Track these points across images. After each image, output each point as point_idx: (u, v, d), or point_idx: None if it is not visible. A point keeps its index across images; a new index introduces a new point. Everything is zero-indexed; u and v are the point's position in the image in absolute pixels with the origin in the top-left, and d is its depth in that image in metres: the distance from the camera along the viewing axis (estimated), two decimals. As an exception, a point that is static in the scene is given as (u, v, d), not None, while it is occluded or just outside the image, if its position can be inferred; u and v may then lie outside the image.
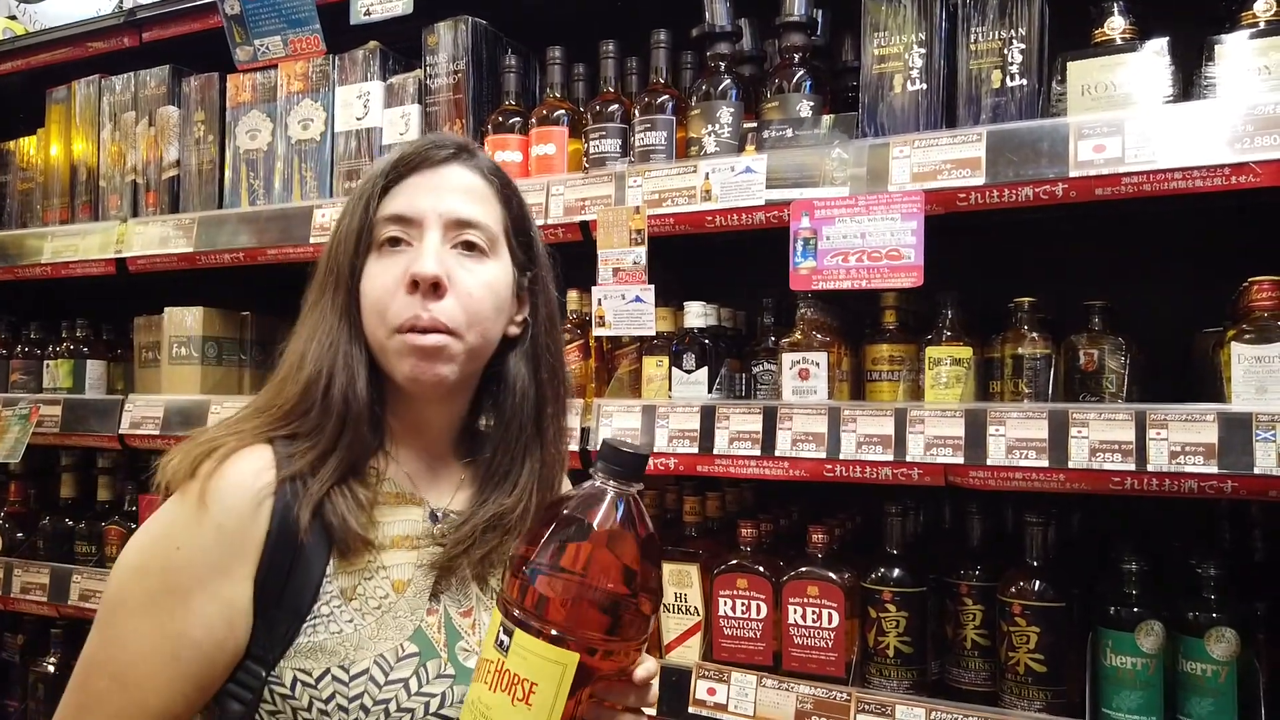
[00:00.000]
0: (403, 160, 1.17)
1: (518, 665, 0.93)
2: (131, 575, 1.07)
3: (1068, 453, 1.56)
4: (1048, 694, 1.64)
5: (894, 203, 1.71)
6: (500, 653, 0.94)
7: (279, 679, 1.05)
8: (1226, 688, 1.54)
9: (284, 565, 1.06)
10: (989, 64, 1.74)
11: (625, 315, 1.99)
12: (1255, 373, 1.51)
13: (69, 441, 2.71)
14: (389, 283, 1.12)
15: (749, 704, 1.81)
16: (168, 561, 1.05)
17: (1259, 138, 1.47)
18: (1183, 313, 1.84)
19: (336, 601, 1.08)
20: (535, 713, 0.92)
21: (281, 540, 1.06)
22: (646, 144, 2.03)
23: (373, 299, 1.13)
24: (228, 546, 1.05)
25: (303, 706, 1.04)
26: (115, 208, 2.74)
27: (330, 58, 2.44)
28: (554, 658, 0.92)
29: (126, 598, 1.06)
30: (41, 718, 2.74)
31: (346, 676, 1.06)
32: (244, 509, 1.05)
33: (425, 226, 1.13)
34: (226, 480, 1.06)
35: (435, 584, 1.15)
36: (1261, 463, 1.44)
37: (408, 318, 1.10)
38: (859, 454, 1.73)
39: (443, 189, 1.16)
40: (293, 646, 1.06)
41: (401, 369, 1.13)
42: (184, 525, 1.05)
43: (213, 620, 1.04)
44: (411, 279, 1.10)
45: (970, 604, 1.76)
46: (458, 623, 1.15)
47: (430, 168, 1.17)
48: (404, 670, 1.08)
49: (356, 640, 1.07)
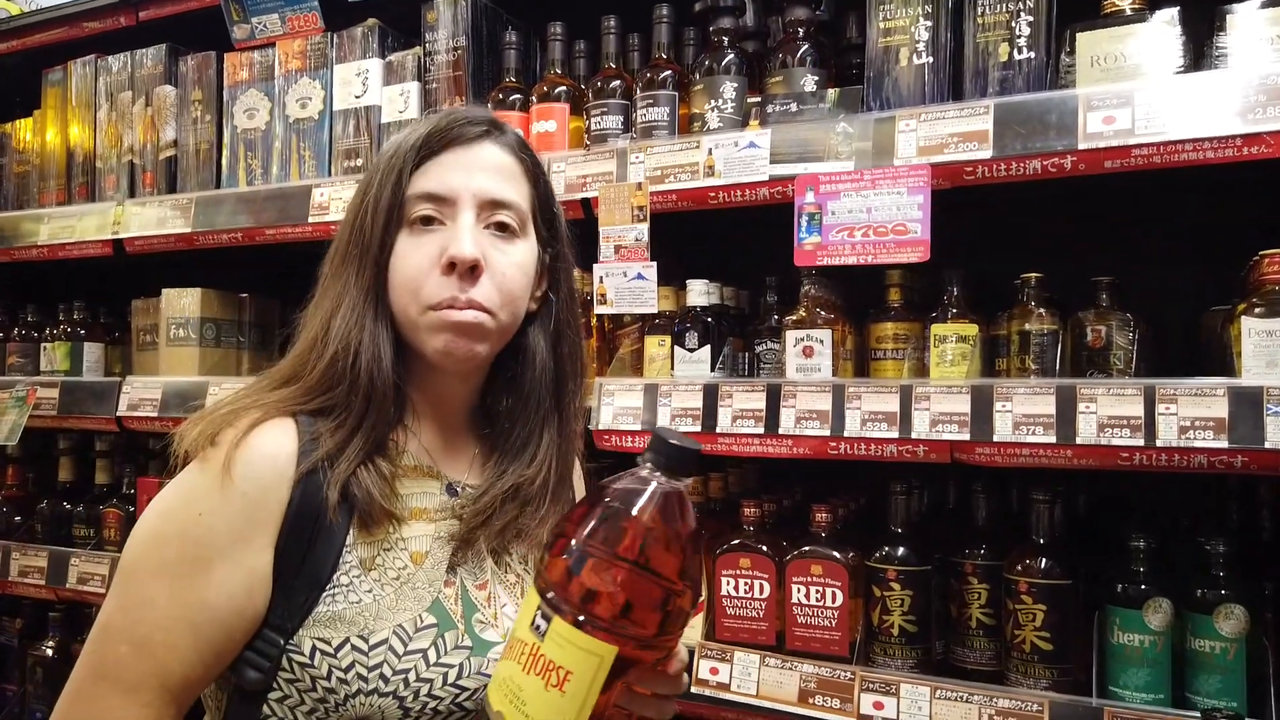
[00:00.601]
0: (435, 135, 1.15)
1: (553, 652, 0.90)
2: (151, 542, 1.06)
3: (1075, 428, 1.54)
4: (1054, 672, 1.63)
5: (900, 177, 1.69)
6: (536, 636, 0.91)
7: (298, 648, 1.05)
8: (1235, 665, 1.52)
9: (305, 535, 1.06)
10: (996, 37, 1.72)
11: (627, 293, 1.97)
12: (1266, 347, 1.49)
13: (67, 424, 2.70)
14: (423, 262, 1.12)
15: (752, 683, 1.79)
16: (189, 529, 1.04)
17: (1271, 108, 1.45)
18: (1191, 289, 1.82)
19: (356, 572, 1.08)
20: (568, 701, 0.89)
21: (304, 510, 1.06)
22: (649, 120, 2.01)
23: (406, 277, 1.12)
24: (251, 515, 1.05)
25: (322, 675, 1.04)
26: (112, 189, 2.72)
27: (328, 35, 2.42)
28: (593, 649, 0.89)
29: (146, 564, 1.05)
30: (40, 701, 2.73)
31: (366, 646, 1.06)
32: (268, 478, 1.05)
33: (460, 206, 1.13)
34: (252, 449, 1.06)
35: (452, 556, 1.16)
36: (1272, 437, 1.42)
37: (444, 298, 1.11)
38: (863, 431, 1.71)
39: (475, 167, 1.15)
40: (311, 615, 1.06)
41: (435, 344, 1.13)
42: (206, 492, 1.05)
43: (233, 588, 1.04)
44: (449, 261, 1.10)
45: (975, 582, 1.75)
46: (474, 595, 1.16)
47: (463, 145, 1.16)
48: (422, 641, 1.09)
49: (376, 610, 1.08)
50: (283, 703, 1.06)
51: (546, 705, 0.90)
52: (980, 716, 1.62)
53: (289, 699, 1.06)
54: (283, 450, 1.07)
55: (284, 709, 1.06)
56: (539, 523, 1.21)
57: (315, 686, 1.05)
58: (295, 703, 1.06)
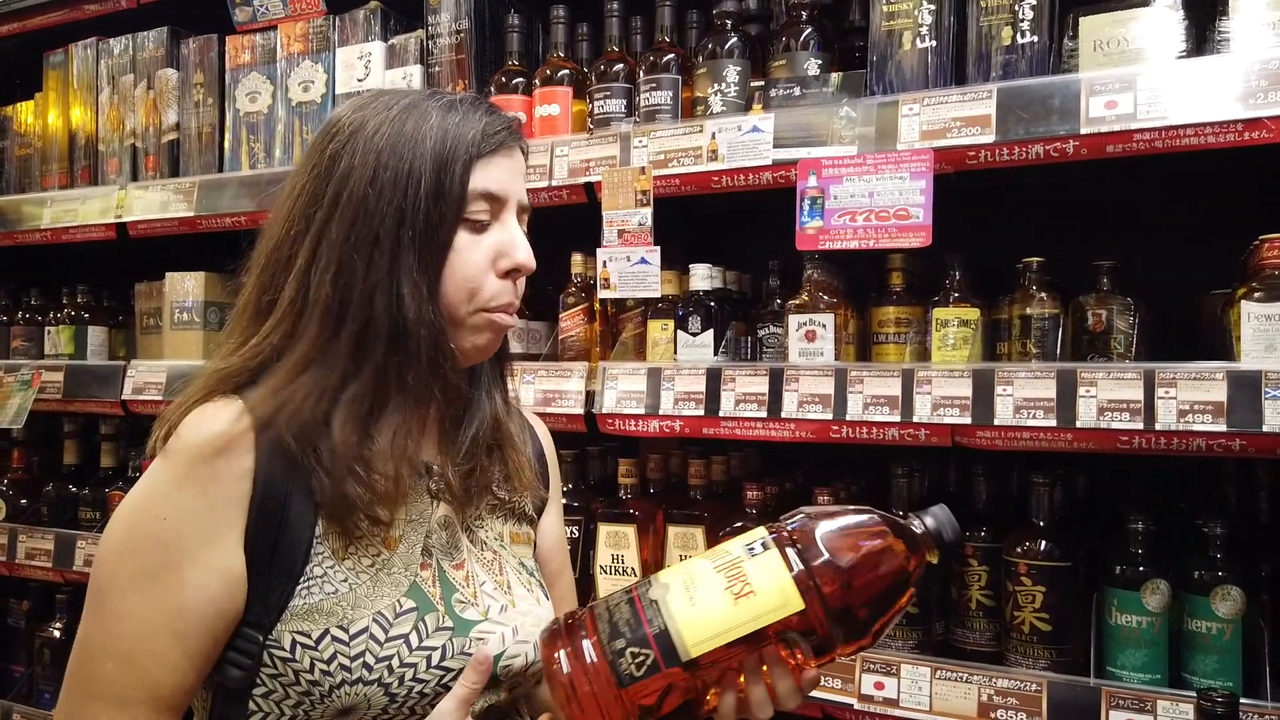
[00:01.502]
0: (490, 134, 1.13)
1: (754, 572, 0.98)
2: (121, 551, 1.03)
3: (1075, 412, 1.55)
4: (1053, 652, 1.65)
5: (903, 161, 1.70)
6: (747, 554, 1.00)
7: (277, 642, 1.04)
8: (1231, 645, 1.54)
9: (271, 529, 1.04)
10: (1000, 20, 1.72)
11: (631, 277, 1.98)
12: (1265, 331, 1.50)
13: (71, 408, 2.71)
14: (481, 263, 1.12)
15: (754, 664, 1.81)
16: (157, 533, 1.02)
17: (1272, 93, 1.46)
18: (1192, 274, 1.83)
19: (329, 562, 1.07)
20: (737, 611, 0.97)
21: (266, 503, 1.04)
22: (652, 104, 2.01)
23: (464, 276, 1.11)
24: (216, 512, 1.03)
25: (304, 668, 1.03)
26: (115, 172, 2.72)
27: (330, 18, 2.41)
28: (786, 591, 0.97)
29: (119, 576, 1.02)
30: (47, 681, 2.75)
31: (346, 636, 1.05)
32: (225, 474, 1.03)
33: (509, 209, 1.15)
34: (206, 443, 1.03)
35: (426, 539, 1.14)
36: (1270, 421, 1.43)
37: (504, 303, 1.15)
38: (865, 415, 1.72)
39: (517, 172, 1.17)
40: (288, 609, 1.04)
41: (476, 341, 1.15)
42: (166, 494, 1.03)
43: (211, 590, 1.02)
44: (515, 267, 1.14)
45: (976, 565, 1.76)
46: (451, 575, 1.15)
47: (507, 150, 1.16)
48: (403, 626, 1.08)
49: (353, 599, 1.06)
50: (268, 698, 1.06)
51: (716, 603, 0.97)
52: (980, 696, 1.64)
53: (274, 694, 1.05)
54: (245, 445, 1.04)
55: (270, 704, 1.05)
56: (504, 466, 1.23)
57: (299, 680, 1.04)
58: (280, 697, 1.05)
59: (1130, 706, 1.53)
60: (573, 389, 2.01)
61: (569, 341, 2.12)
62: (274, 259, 1.12)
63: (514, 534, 1.26)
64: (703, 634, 0.96)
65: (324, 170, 1.10)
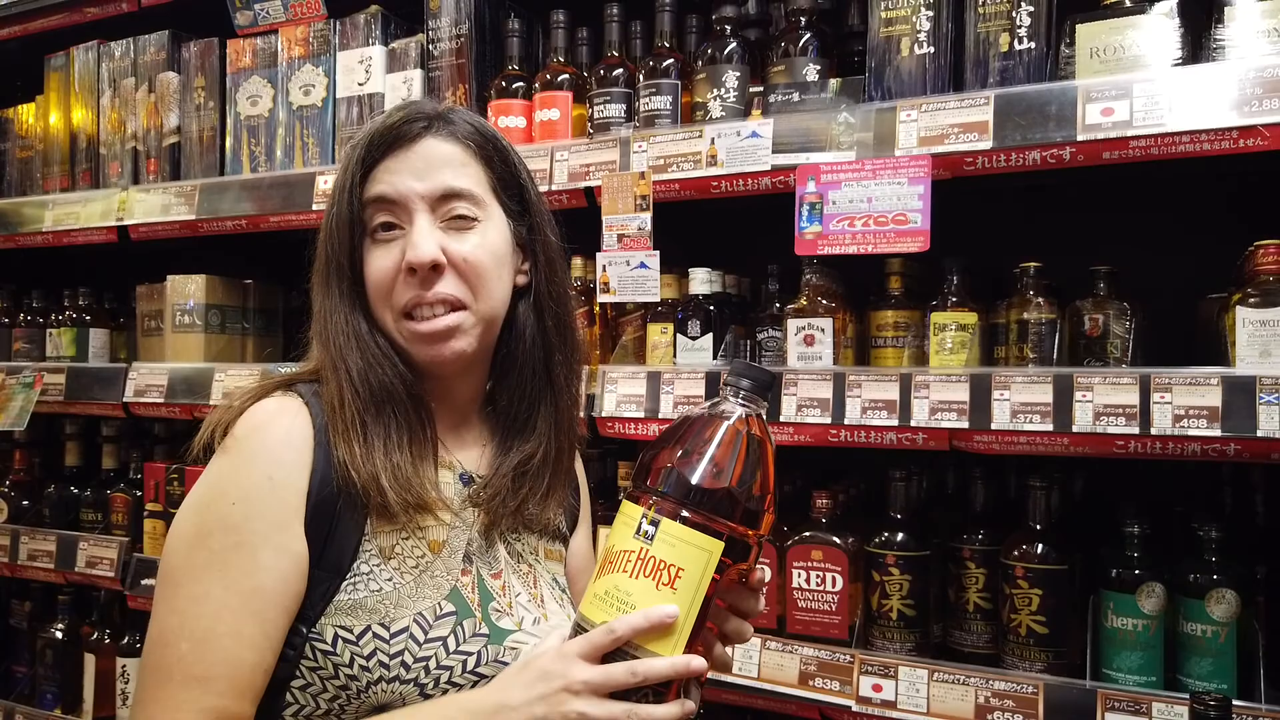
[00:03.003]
0: (375, 140, 1.16)
1: (664, 552, 0.99)
2: (193, 539, 1.06)
3: (1072, 416, 1.56)
4: (1049, 655, 1.66)
5: (901, 167, 1.71)
6: (644, 541, 1.00)
7: (320, 635, 1.07)
8: (1226, 648, 1.56)
9: (325, 525, 1.08)
10: (997, 27, 1.73)
11: (630, 281, 1.99)
12: (1260, 336, 1.51)
13: (73, 409, 2.72)
14: (389, 269, 1.15)
15: (753, 666, 1.83)
16: (227, 518, 1.05)
17: (1267, 101, 1.47)
18: (1189, 279, 1.84)
19: (375, 560, 1.10)
20: (680, 596, 0.98)
21: (322, 497, 1.08)
22: (651, 109, 2.02)
23: (375, 288, 1.16)
24: (282, 500, 1.06)
25: (344, 662, 1.06)
26: (116, 175, 2.73)
27: (331, 22, 2.42)
28: (702, 544, 0.99)
29: (192, 562, 1.05)
30: (49, 682, 2.76)
31: (387, 634, 1.07)
32: (290, 464, 1.07)
33: (412, 209, 1.14)
34: (271, 434, 1.08)
35: (468, 545, 1.18)
36: (1265, 426, 1.44)
37: (409, 299, 1.14)
38: (864, 419, 1.73)
39: (421, 167, 1.15)
40: (332, 603, 1.07)
41: (420, 356, 1.17)
42: (234, 481, 1.07)
43: (285, 571, 1.05)
44: (409, 267, 1.12)
45: (973, 567, 1.78)
46: (489, 584, 1.17)
47: (405, 146, 1.16)
48: (442, 629, 1.10)
49: (396, 599, 1.09)
50: (305, 690, 1.08)
51: (659, 603, 0.98)
52: (977, 698, 1.65)
53: (311, 686, 1.08)
54: (303, 438, 1.09)
55: (306, 696, 1.08)
56: (545, 496, 1.24)
57: (338, 674, 1.06)
58: (318, 690, 1.07)
59: (1126, 709, 1.54)
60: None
61: (569, 345, 2.13)
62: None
63: (548, 550, 1.29)
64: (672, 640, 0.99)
65: None
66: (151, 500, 2.58)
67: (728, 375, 1.06)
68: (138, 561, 2.56)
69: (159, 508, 2.58)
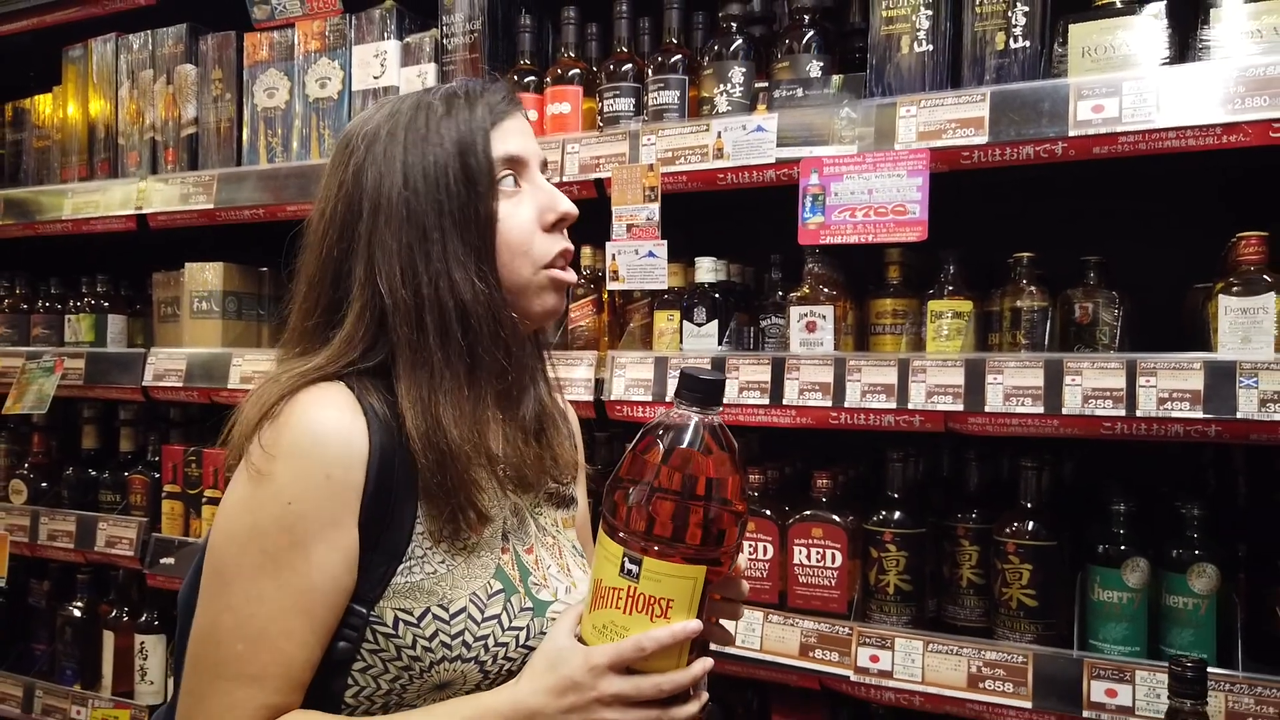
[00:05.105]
0: (496, 104, 1.21)
1: (652, 588, 1.03)
2: (246, 538, 1.06)
3: (1062, 399, 1.64)
4: (1039, 626, 1.74)
5: (900, 160, 1.78)
6: (629, 580, 1.03)
7: (380, 619, 1.09)
8: (1206, 620, 1.64)
9: (382, 513, 1.09)
10: (993, 26, 1.80)
11: (639, 270, 2.06)
12: (1241, 324, 1.59)
13: (93, 394, 2.79)
14: (528, 224, 1.19)
15: (756, 638, 1.91)
16: (282, 518, 1.05)
17: (1249, 99, 1.54)
18: (1178, 270, 1.91)
19: (427, 544, 1.12)
20: (679, 626, 1.03)
21: (379, 485, 1.09)
22: (660, 103, 2.09)
23: (516, 239, 1.18)
24: (337, 497, 1.07)
25: (407, 645, 1.09)
26: (135, 165, 2.80)
27: (347, 17, 2.49)
28: (687, 575, 1.03)
29: (246, 561, 1.06)
30: (68, 659, 2.84)
31: (447, 615, 1.10)
32: (348, 460, 1.07)
33: (532, 167, 1.22)
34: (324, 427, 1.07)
35: (504, 525, 1.21)
36: (1244, 408, 1.52)
37: (559, 251, 1.21)
38: (863, 402, 1.81)
39: (528, 132, 1.24)
40: (390, 587, 1.09)
41: (547, 304, 1.22)
42: (290, 481, 1.06)
43: (334, 568, 1.07)
44: (562, 215, 1.21)
45: (967, 545, 1.86)
46: (525, 560, 1.21)
47: (516, 109, 1.23)
48: (495, 607, 1.14)
49: (451, 580, 1.12)
50: (366, 672, 1.10)
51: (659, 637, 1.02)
52: (969, 668, 1.73)
53: (372, 668, 1.10)
54: (359, 430, 1.09)
55: (367, 678, 1.10)
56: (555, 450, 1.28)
57: (400, 655, 1.09)
58: (379, 671, 1.10)
59: (1110, 677, 1.62)
60: (582, 377, 2.10)
61: (578, 331, 2.20)
62: (325, 276, 1.18)
63: (565, 520, 1.34)
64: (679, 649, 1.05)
65: (352, 187, 1.17)
66: (170, 482, 2.66)
67: (678, 388, 1.06)
68: (156, 541, 2.63)
69: (177, 489, 2.65)
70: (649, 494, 1.02)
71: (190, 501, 2.63)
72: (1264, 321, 1.57)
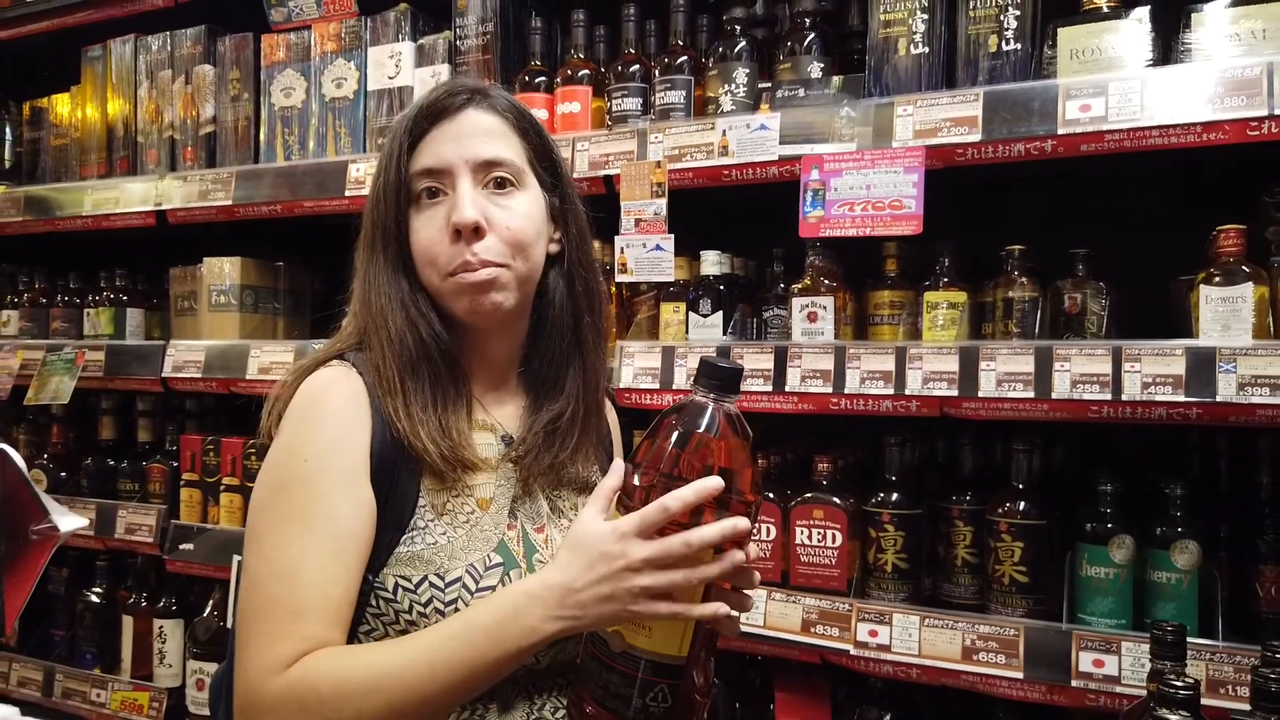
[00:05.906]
0: (422, 113, 1.26)
1: None
2: (272, 496, 1.16)
3: (1051, 384, 1.72)
4: (1030, 601, 1.83)
5: (897, 157, 1.87)
6: None
7: (382, 584, 1.16)
8: (1188, 594, 1.72)
9: (386, 482, 1.18)
10: (986, 29, 1.89)
11: (646, 263, 2.14)
12: (1221, 312, 1.67)
13: (113, 385, 2.87)
14: (434, 234, 1.23)
15: (759, 615, 1.99)
16: (302, 475, 1.14)
17: (1229, 99, 1.62)
18: (1164, 262, 1.99)
19: (430, 515, 1.20)
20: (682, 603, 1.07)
21: (383, 456, 1.17)
22: (666, 102, 2.17)
23: (421, 250, 1.24)
24: (351, 455, 1.16)
25: (404, 609, 1.16)
26: (153, 163, 2.88)
27: (362, 19, 2.57)
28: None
29: (274, 515, 1.15)
30: (88, 643, 2.91)
31: (442, 583, 1.17)
32: (353, 426, 1.17)
33: (456, 175, 1.23)
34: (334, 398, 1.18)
35: (513, 502, 1.28)
36: (1223, 392, 1.61)
37: (458, 264, 1.22)
38: (863, 388, 1.89)
39: (464, 136, 1.24)
40: (393, 555, 1.17)
41: (460, 306, 1.25)
42: (304, 442, 1.16)
43: (361, 516, 1.15)
44: (454, 228, 1.21)
45: (961, 525, 1.94)
46: (533, 538, 1.28)
47: (449, 117, 1.25)
48: (491, 579, 1.19)
49: (450, 551, 1.19)
50: (368, 635, 1.18)
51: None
52: (964, 641, 1.81)
53: (375, 632, 1.18)
54: (362, 401, 1.19)
55: (368, 641, 1.18)
56: (575, 451, 1.32)
57: (398, 619, 1.16)
58: (380, 635, 1.17)
59: (1098, 648, 1.71)
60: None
61: (588, 322, 2.28)
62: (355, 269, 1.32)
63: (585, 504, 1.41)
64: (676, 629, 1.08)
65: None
66: (188, 470, 2.73)
67: (697, 375, 1.08)
68: (175, 528, 2.71)
69: (195, 477, 2.73)
70: (665, 478, 1.05)
71: (208, 489, 2.71)
72: (1242, 310, 1.66)
